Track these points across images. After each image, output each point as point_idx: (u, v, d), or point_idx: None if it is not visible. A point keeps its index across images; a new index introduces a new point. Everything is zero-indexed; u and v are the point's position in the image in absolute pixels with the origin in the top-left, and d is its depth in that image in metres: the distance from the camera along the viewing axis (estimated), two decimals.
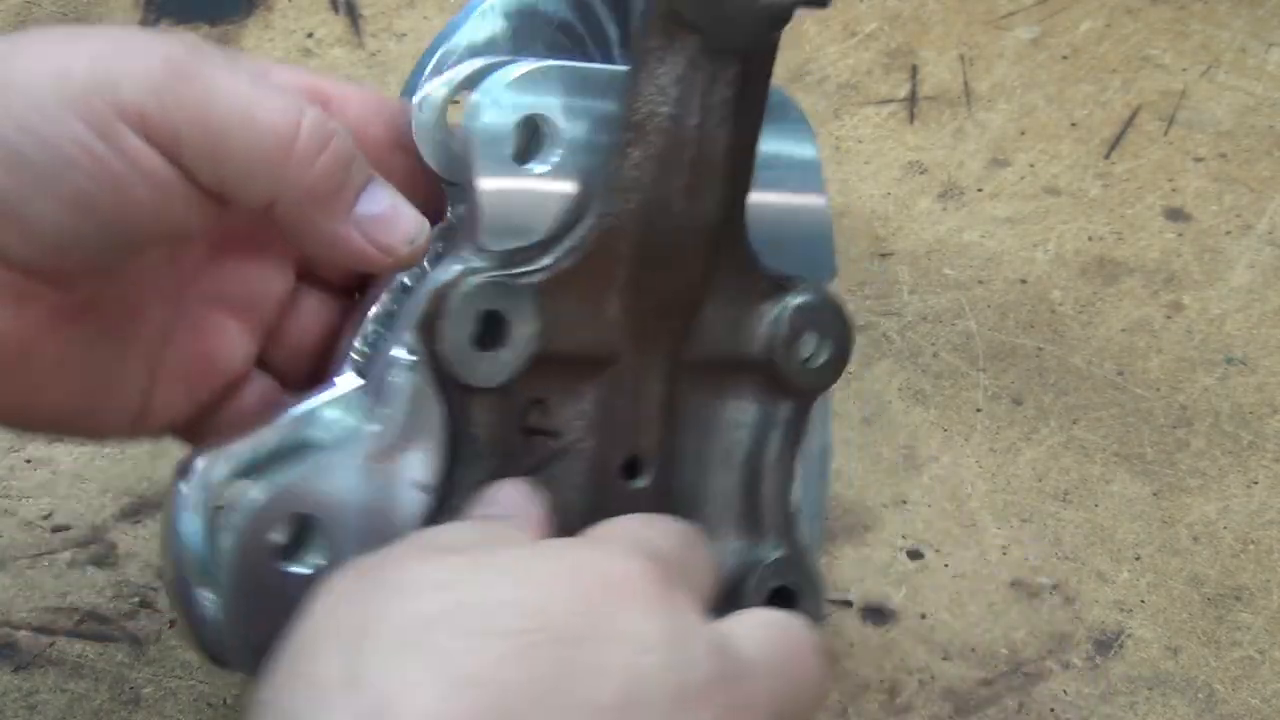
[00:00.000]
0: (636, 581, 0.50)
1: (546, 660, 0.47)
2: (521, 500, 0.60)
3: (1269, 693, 0.75)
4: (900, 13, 1.12)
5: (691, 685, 0.49)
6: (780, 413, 0.66)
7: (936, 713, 0.73)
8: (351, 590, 0.50)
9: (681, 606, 0.51)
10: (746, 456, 0.66)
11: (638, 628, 0.49)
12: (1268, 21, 1.12)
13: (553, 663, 0.47)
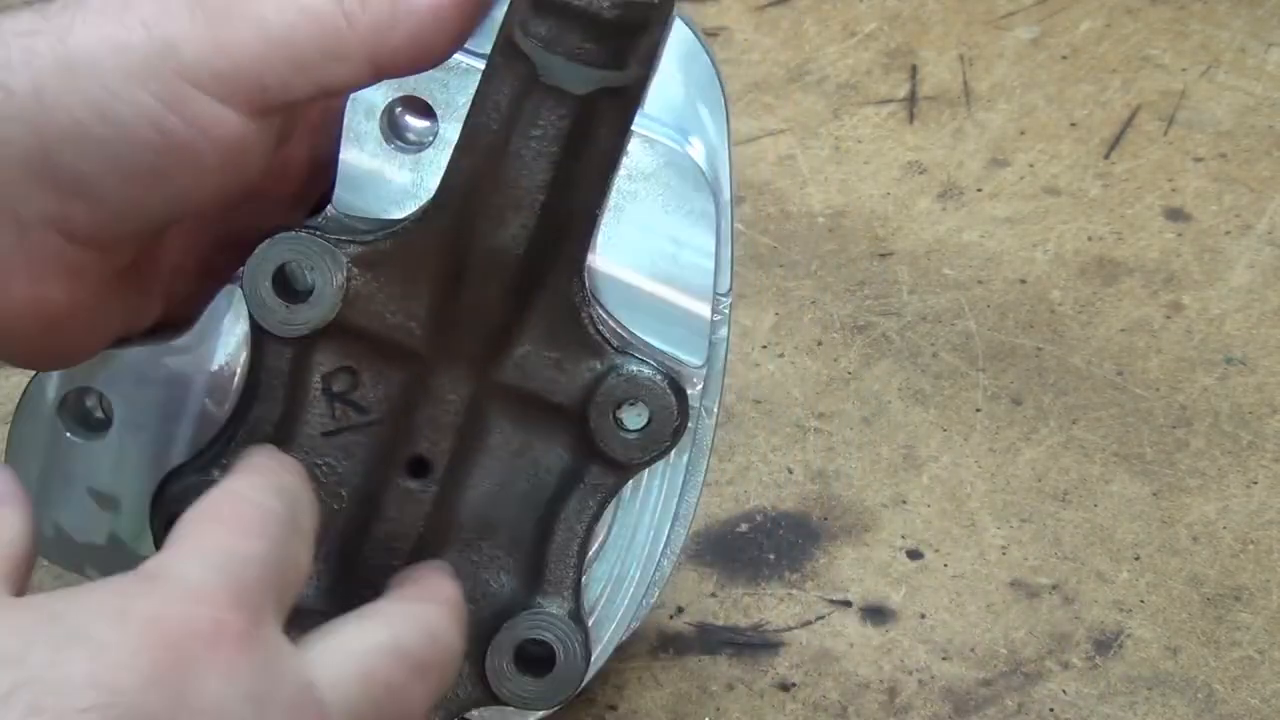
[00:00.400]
0: (215, 635, 0.47)
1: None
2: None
3: (1268, 693, 0.75)
4: (900, 13, 1.12)
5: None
6: (590, 474, 0.65)
7: (936, 712, 0.74)
8: None
9: (266, 646, 0.48)
10: (547, 502, 0.65)
11: (218, 696, 0.46)
12: (1267, 21, 1.12)
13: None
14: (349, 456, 0.65)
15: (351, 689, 0.50)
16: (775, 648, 0.76)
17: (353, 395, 0.65)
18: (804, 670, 0.75)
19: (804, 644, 0.76)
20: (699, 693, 0.74)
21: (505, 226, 0.61)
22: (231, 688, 0.46)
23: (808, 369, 0.88)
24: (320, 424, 0.65)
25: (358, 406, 0.65)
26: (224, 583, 0.48)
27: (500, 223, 0.61)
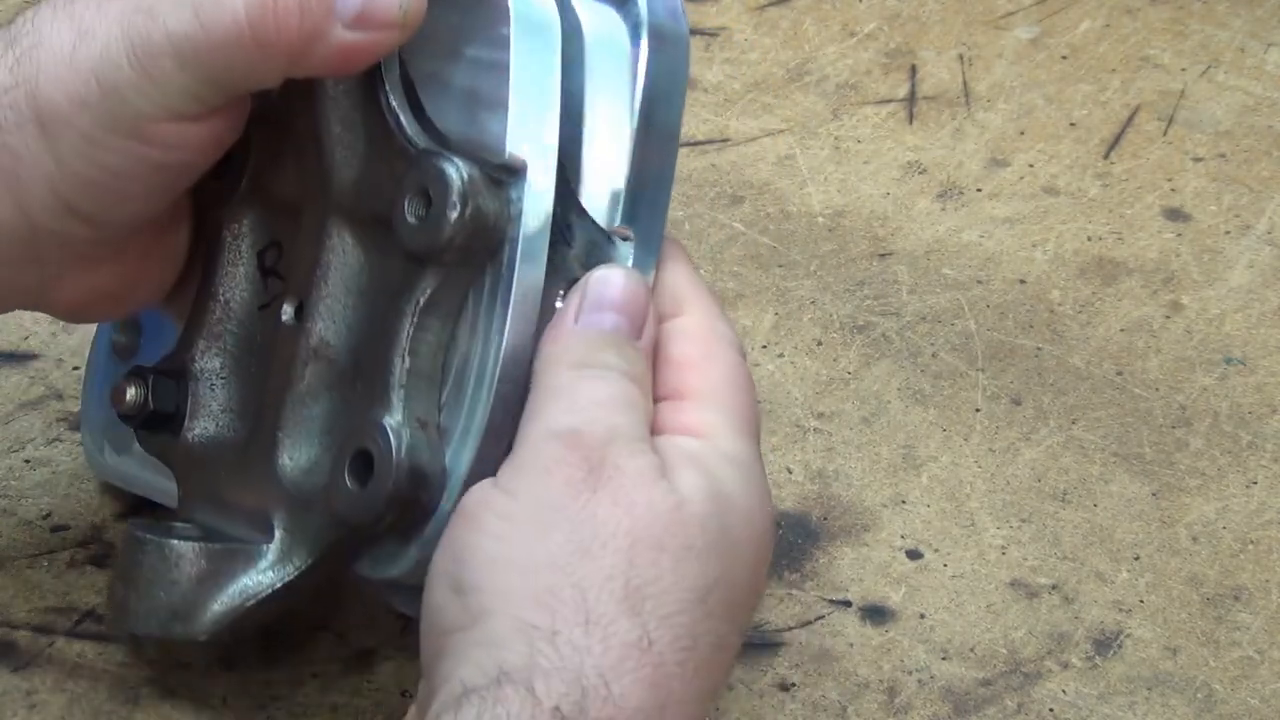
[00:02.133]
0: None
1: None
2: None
3: (1268, 693, 0.75)
4: (899, 12, 1.12)
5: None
6: (410, 281, 0.65)
7: (935, 712, 0.74)
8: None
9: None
10: (389, 317, 0.66)
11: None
12: (1267, 21, 1.12)
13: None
14: (272, 325, 0.70)
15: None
16: (775, 648, 0.76)
17: (278, 267, 0.71)
18: (803, 670, 0.75)
19: (803, 644, 0.76)
20: None
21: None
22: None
23: (807, 369, 0.88)
24: (257, 299, 0.71)
25: (280, 275, 0.70)
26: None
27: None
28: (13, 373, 0.86)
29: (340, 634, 0.75)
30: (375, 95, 0.66)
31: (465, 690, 0.56)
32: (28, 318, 0.89)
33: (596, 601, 0.58)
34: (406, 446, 0.64)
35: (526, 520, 0.59)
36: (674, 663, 0.58)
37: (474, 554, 0.60)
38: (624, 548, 0.59)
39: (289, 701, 0.73)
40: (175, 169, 0.66)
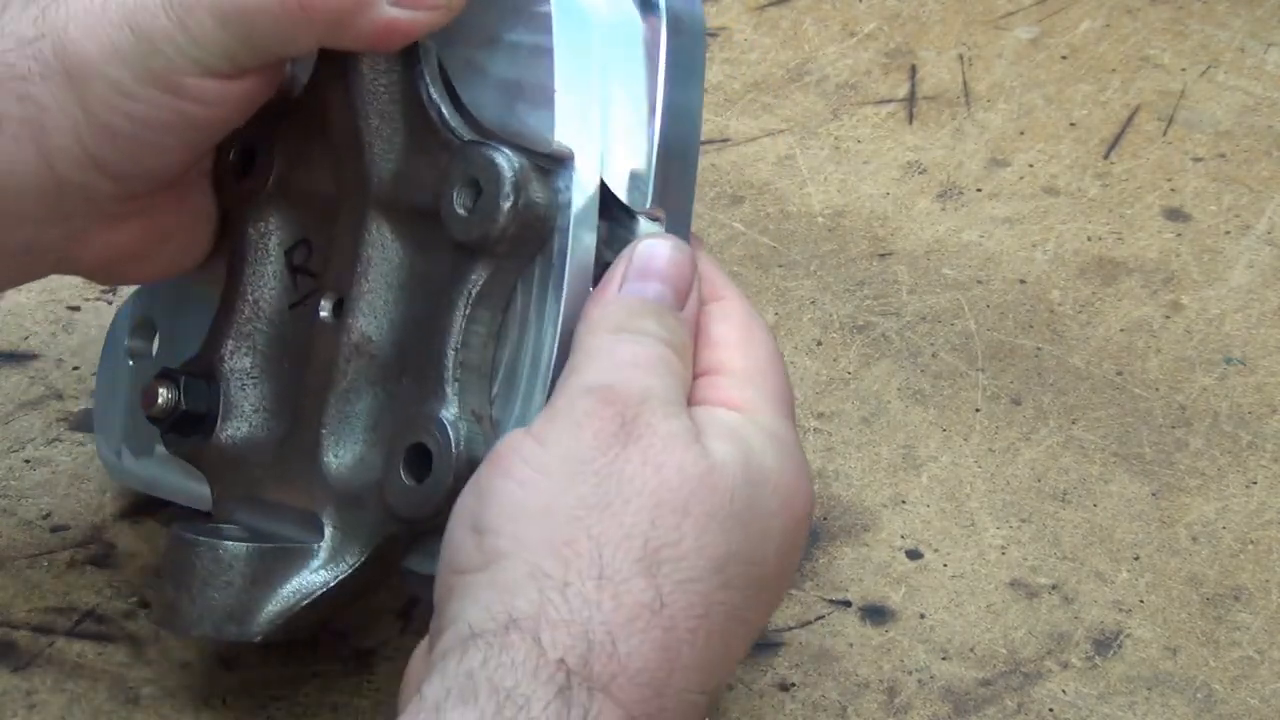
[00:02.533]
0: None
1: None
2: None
3: (1268, 693, 0.75)
4: (899, 13, 1.12)
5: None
6: (460, 272, 0.65)
7: (935, 712, 0.74)
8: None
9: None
10: (436, 311, 0.66)
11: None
12: (1267, 21, 1.12)
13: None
14: (306, 324, 0.69)
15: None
16: (774, 647, 0.76)
17: (309, 264, 0.70)
18: (803, 670, 0.75)
19: (803, 644, 0.76)
20: None
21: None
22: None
23: (807, 369, 0.88)
24: (287, 297, 0.71)
25: (312, 274, 0.70)
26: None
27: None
28: (13, 373, 0.86)
29: (340, 634, 0.75)
30: (414, 87, 0.66)
31: (472, 633, 0.56)
32: (28, 318, 0.89)
33: (612, 558, 0.58)
34: (465, 439, 0.64)
35: (554, 470, 0.59)
36: (685, 629, 0.58)
37: (497, 497, 0.60)
38: (647, 507, 0.59)
39: (289, 701, 0.73)
40: (206, 124, 0.66)
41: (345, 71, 0.67)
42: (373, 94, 0.67)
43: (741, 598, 0.60)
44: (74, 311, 0.89)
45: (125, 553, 0.78)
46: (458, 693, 0.55)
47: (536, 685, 0.55)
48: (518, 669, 0.55)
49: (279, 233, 0.71)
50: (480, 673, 0.55)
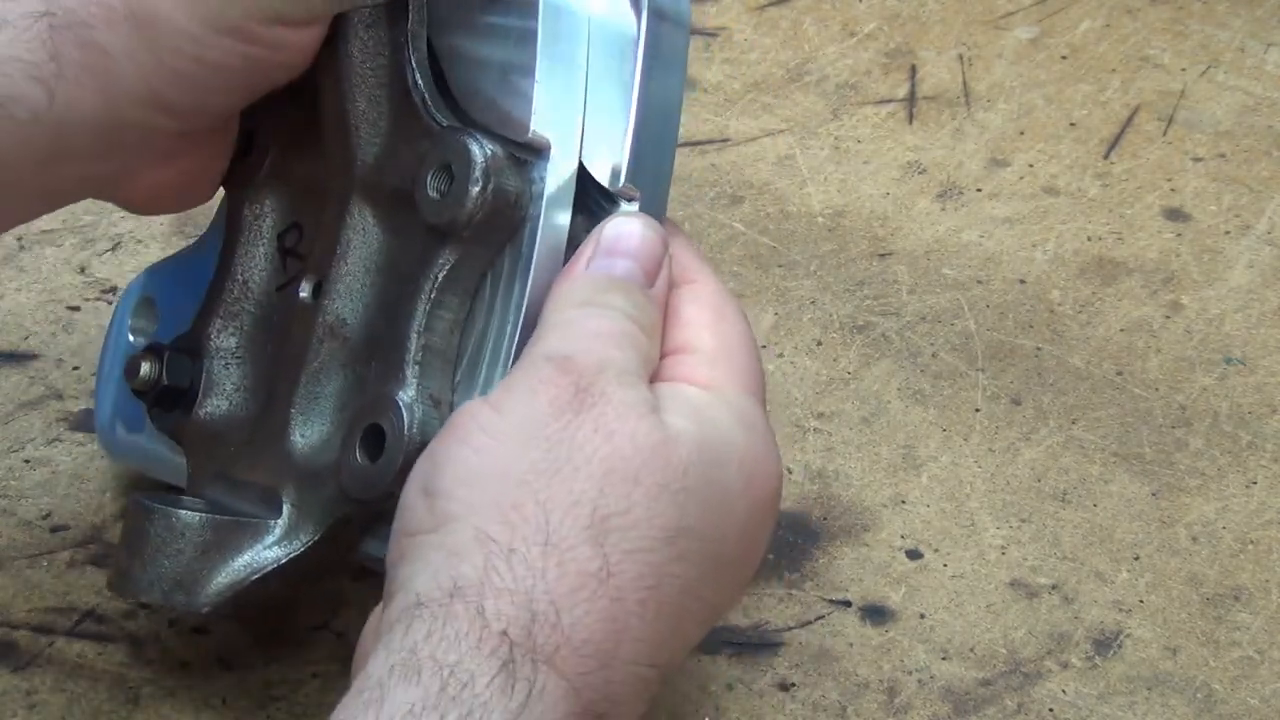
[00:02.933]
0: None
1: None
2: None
3: (1268, 693, 0.75)
4: (899, 12, 1.12)
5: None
6: (429, 256, 0.65)
7: (935, 712, 0.74)
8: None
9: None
10: (407, 295, 0.66)
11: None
12: (1267, 21, 1.12)
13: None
14: (289, 306, 0.70)
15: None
16: (775, 647, 0.76)
17: (299, 248, 0.71)
18: (803, 670, 0.75)
19: (803, 644, 0.76)
20: (698, 692, 0.74)
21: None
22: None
23: (807, 369, 0.88)
24: (275, 279, 0.71)
25: (300, 256, 0.71)
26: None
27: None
28: (13, 373, 0.86)
29: (340, 634, 0.75)
30: (401, 73, 0.67)
31: (418, 602, 0.56)
32: (28, 318, 0.89)
33: (560, 524, 0.57)
34: (419, 422, 0.64)
35: (508, 436, 0.59)
36: (634, 600, 0.58)
37: (450, 462, 0.60)
38: (597, 474, 0.58)
39: (289, 701, 0.73)
40: (274, 69, 0.67)
41: (336, 55, 0.68)
42: (361, 78, 0.68)
43: (697, 572, 0.60)
44: (74, 311, 0.90)
45: None
46: (401, 669, 0.54)
47: (480, 659, 0.55)
48: (461, 642, 0.55)
49: (273, 215, 0.72)
50: (424, 647, 0.55)
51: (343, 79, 0.68)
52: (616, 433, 0.59)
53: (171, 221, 0.95)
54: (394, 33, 0.67)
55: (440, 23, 0.67)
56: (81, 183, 0.70)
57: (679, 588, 0.59)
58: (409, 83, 0.67)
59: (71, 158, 0.66)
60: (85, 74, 0.64)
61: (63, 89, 0.64)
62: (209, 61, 0.65)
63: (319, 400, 0.68)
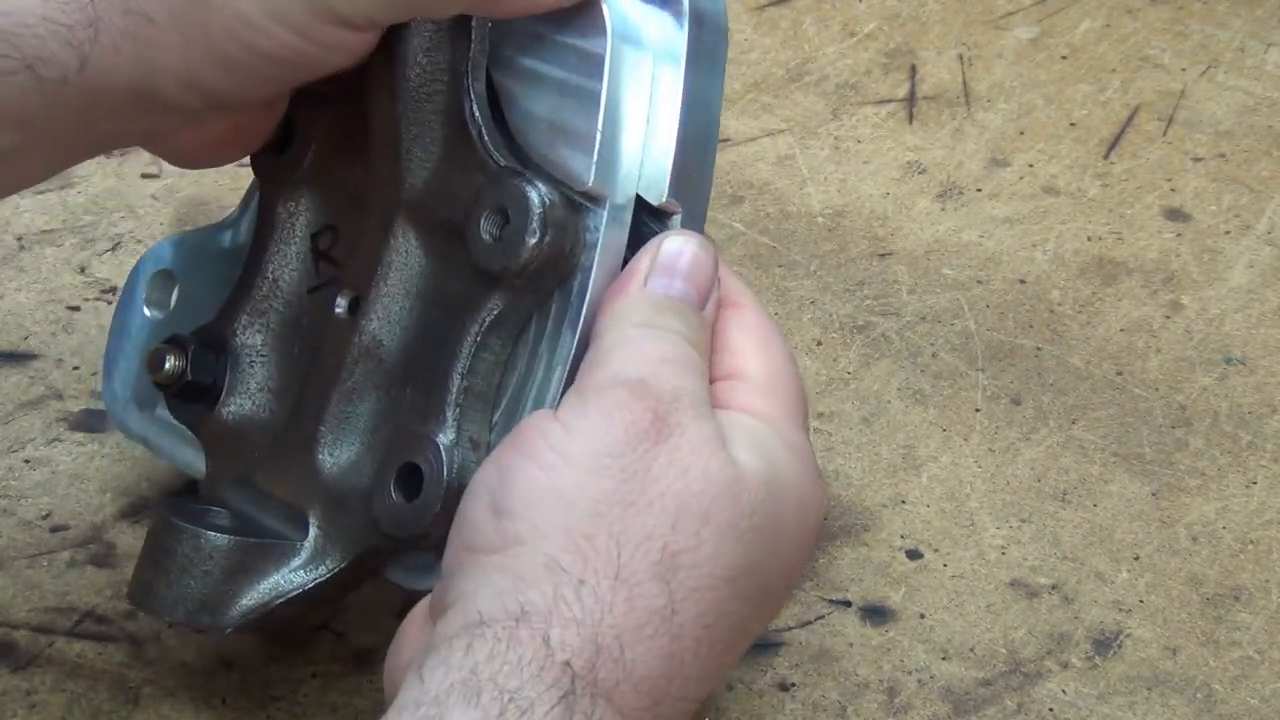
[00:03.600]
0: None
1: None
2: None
3: (1268, 693, 0.75)
4: (899, 12, 1.12)
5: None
6: (477, 297, 0.65)
7: (935, 712, 0.74)
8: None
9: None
10: (453, 337, 0.65)
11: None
12: (1267, 21, 1.12)
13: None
14: (321, 311, 0.69)
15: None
16: (774, 647, 0.76)
17: (333, 251, 0.70)
18: (803, 670, 0.75)
19: (803, 644, 0.76)
20: None
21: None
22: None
23: (807, 369, 0.88)
24: (307, 280, 0.71)
25: (334, 261, 0.70)
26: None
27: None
28: (13, 373, 0.86)
29: (340, 634, 0.75)
30: (459, 102, 0.66)
31: (482, 620, 0.56)
32: (28, 318, 0.89)
33: (630, 559, 0.57)
34: (458, 467, 0.64)
35: (579, 459, 0.59)
36: (691, 637, 0.58)
37: (519, 480, 0.59)
38: (670, 509, 0.58)
39: (289, 701, 0.73)
40: (319, 66, 0.66)
41: (393, 74, 0.67)
42: (416, 100, 0.67)
43: (749, 608, 0.60)
44: (74, 311, 0.90)
45: (125, 553, 0.78)
46: (461, 689, 0.54)
47: (541, 689, 0.55)
48: (524, 670, 0.55)
49: (307, 214, 0.71)
50: (485, 668, 0.55)
51: (398, 99, 0.67)
52: (691, 468, 0.59)
53: (171, 222, 0.95)
54: (454, 60, 0.66)
55: (500, 61, 0.66)
56: (111, 138, 0.70)
57: (731, 624, 0.60)
58: (466, 114, 0.66)
59: (99, 119, 0.65)
60: (125, 41, 0.63)
61: (97, 54, 0.62)
62: (258, 49, 0.64)
63: (350, 420, 0.68)
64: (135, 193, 0.97)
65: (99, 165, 0.97)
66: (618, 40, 0.65)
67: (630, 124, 0.65)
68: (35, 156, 0.66)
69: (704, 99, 0.67)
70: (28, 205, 0.95)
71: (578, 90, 0.65)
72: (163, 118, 0.67)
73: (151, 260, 0.77)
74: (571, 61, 0.65)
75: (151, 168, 0.98)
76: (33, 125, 0.63)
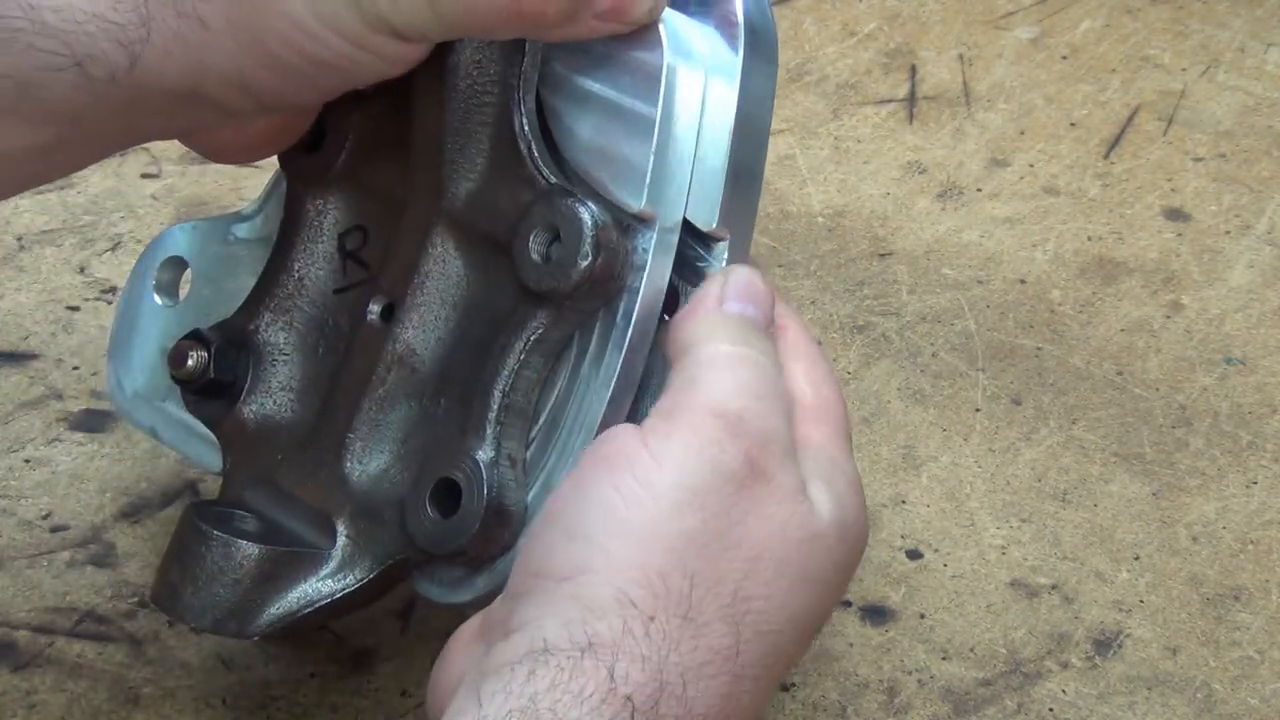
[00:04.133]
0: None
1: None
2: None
3: (1268, 692, 0.75)
4: (899, 12, 1.12)
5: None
6: (523, 314, 0.64)
7: (935, 712, 0.74)
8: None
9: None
10: (493, 351, 0.65)
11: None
12: (1267, 21, 1.12)
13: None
14: (348, 312, 0.69)
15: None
16: None
17: (362, 253, 0.69)
18: (803, 670, 0.75)
19: None
20: None
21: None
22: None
23: None
24: (333, 280, 0.70)
25: (363, 263, 0.69)
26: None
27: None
28: (13, 373, 0.86)
29: (340, 634, 0.75)
30: (508, 116, 0.65)
31: (546, 648, 0.56)
32: (28, 318, 0.89)
33: (701, 599, 0.57)
34: (498, 484, 0.63)
35: (663, 492, 0.58)
36: (751, 676, 0.58)
37: (599, 507, 0.58)
38: (749, 558, 0.58)
39: (289, 701, 0.73)
40: (368, 74, 0.65)
41: (443, 84, 0.66)
42: (466, 112, 0.66)
43: (801, 648, 0.60)
44: (74, 311, 0.90)
45: (125, 553, 0.78)
46: (520, 716, 0.54)
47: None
48: (584, 701, 0.54)
49: (335, 213, 0.71)
50: (545, 698, 0.54)
51: (446, 109, 0.66)
52: (773, 518, 0.59)
53: (171, 222, 0.95)
54: (506, 74, 0.66)
55: (548, 76, 0.66)
56: (151, 134, 0.69)
57: (786, 662, 0.60)
58: (516, 129, 0.65)
59: (144, 117, 0.65)
60: (175, 43, 0.63)
61: (148, 54, 0.62)
62: (310, 55, 0.63)
63: (381, 428, 0.67)
64: (135, 193, 0.97)
65: (99, 165, 0.97)
66: (673, 59, 0.64)
67: (681, 144, 0.65)
68: (76, 150, 0.66)
69: (756, 121, 0.67)
70: (28, 205, 0.95)
71: (631, 109, 0.64)
72: (207, 116, 0.67)
73: (162, 246, 0.76)
74: (625, 81, 0.65)
75: (151, 168, 0.98)
76: (78, 122, 0.63)
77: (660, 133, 0.64)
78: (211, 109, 0.65)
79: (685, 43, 0.65)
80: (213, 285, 0.74)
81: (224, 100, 0.64)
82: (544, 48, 0.66)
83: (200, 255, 0.75)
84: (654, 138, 0.64)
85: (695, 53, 0.65)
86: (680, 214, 0.65)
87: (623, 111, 0.65)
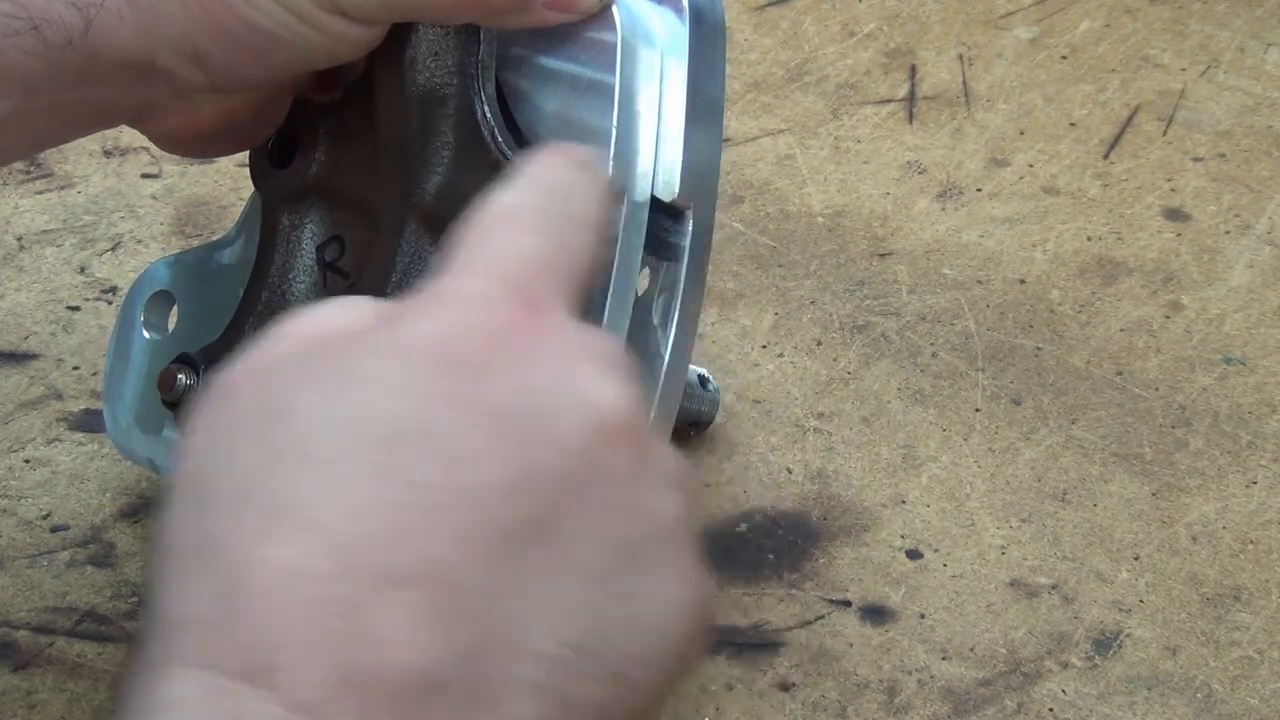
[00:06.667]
0: (495, 334, 0.47)
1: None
2: None
3: (1268, 692, 0.75)
4: (899, 12, 1.12)
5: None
6: None
7: (935, 712, 0.74)
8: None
9: (548, 331, 0.48)
10: None
11: (506, 391, 0.46)
12: (1267, 21, 1.12)
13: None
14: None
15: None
16: (775, 647, 0.76)
17: (340, 263, 0.70)
18: (803, 670, 0.75)
19: (803, 644, 0.76)
20: (698, 692, 0.74)
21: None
22: (519, 378, 0.46)
23: (807, 369, 0.89)
24: (315, 292, 0.71)
25: (343, 273, 0.70)
26: (496, 283, 0.48)
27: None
28: (13, 373, 0.86)
29: None
30: (468, 104, 0.66)
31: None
32: (27, 318, 0.89)
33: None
34: None
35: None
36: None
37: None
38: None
39: None
40: (320, 52, 0.66)
41: (401, 84, 0.67)
42: (426, 107, 0.66)
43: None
44: (74, 311, 0.90)
45: (125, 553, 0.78)
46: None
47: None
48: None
49: (311, 226, 0.71)
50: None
51: (407, 106, 0.66)
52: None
53: (171, 222, 0.95)
54: (464, 63, 0.66)
55: (508, 59, 0.66)
56: (103, 111, 0.69)
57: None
58: (478, 115, 0.66)
59: (96, 84, 0.66)
60: (128, 8, 0.63)
61: (102, 18, 0.63)
62: (258, 27, 0.64)
63: None
64: (135, 193, 0.97)
65: (99, 165, 0.97)
66: (628, 34, 0.65)
67: (644, 119, 0.65)
68: (31, 124, 0.66)
69: (708, 93, 0.67)
70: (28, 205, 0.95)
71: (590, 85, 0.65)
72: (158, 92, 0.67)
73: (148, 282, 0.77)
74: (583, 57, 0.65)
75: (151, 168, 0.98)
76: (33, 89, 0.64)
77: (621, 104, 0.64)
78: (164, 84, 0.66)
79: (640, 19, 0.66)
80: (200, 313, 0.74)
81: (174, 71, 0.65)
82: (500, 33, 0.66)
83: (185, 286, 0.76)
84: (615, 108, 0.64)
85: (651, 29, 0.66)
86: (648, 188, 0.65)
87: (582, 85, 0.65)
